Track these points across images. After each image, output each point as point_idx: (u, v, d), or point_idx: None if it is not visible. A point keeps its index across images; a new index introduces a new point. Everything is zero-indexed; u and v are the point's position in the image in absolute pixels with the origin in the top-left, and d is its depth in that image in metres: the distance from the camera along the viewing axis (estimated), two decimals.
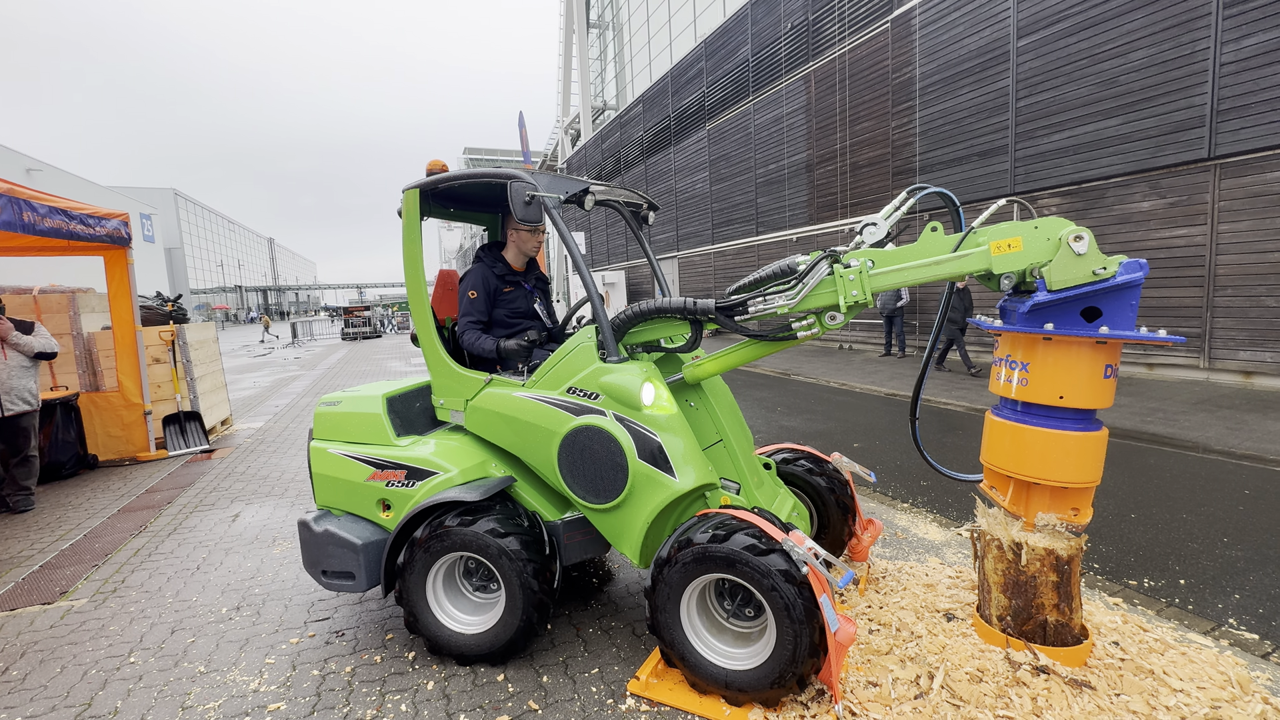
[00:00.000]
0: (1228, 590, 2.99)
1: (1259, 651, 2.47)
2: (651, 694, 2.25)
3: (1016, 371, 2.16)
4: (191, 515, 4.52)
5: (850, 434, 6.46)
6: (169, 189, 60.95)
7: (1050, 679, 2.05)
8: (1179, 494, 4.30)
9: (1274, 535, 3.56)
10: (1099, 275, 1.92)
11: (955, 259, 2.12)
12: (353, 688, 2.38)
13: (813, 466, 3.09)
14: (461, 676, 2.42)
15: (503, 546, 2.37)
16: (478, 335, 2.95)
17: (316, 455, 2.84)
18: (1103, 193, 8.99)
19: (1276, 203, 7.32)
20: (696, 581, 2.19)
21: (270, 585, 3.32)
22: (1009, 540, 2.21)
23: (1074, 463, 2.07)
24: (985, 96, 10.44)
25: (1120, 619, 2.50)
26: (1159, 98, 8.16)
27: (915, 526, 3.81)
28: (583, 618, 2.85)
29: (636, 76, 28.67)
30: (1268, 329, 7.49)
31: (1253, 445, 5.29)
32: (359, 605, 3.04)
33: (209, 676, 2.50)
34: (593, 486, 2.42)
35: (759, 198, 16.87)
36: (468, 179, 2.74)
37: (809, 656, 2.01)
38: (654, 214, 3.33)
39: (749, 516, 2.20)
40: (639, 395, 2.38)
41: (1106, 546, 3.52)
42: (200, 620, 2.97)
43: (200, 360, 7.11)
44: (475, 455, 2.74)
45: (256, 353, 22.11)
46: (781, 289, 2.34)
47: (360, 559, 2.62)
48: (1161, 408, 6.80)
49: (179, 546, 3.92)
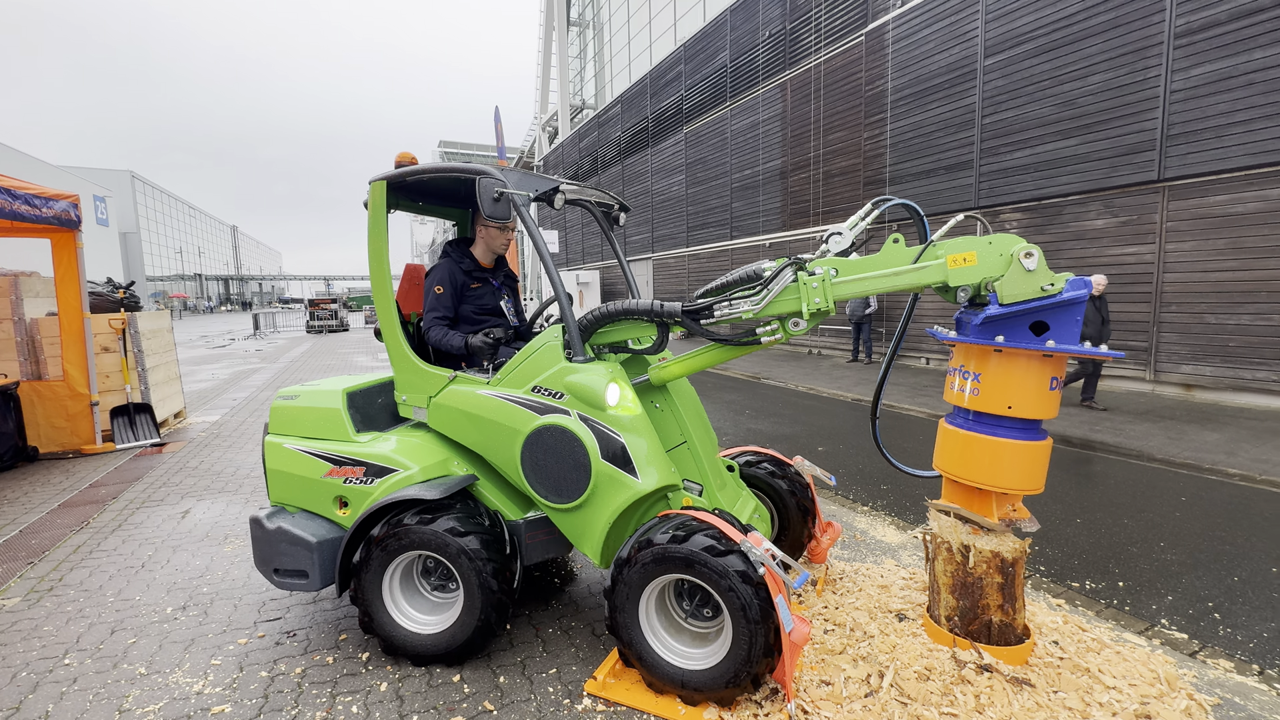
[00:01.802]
0: (1162, 592, 3.14)
1: (1187, 650, 2.60)
2: (608, 694, 2.25)
3: (969, 381, 2.24)
4: (138, 511, 4.35)
5: (815, 438, 6.57)
6: (126, 171, 58.51)
7: (993, 677, 2.12)
8: (1122, 500, 4.50)
9: (1206, 540, 3.76)
10: (1047, 291, 2.01)
11: (914, 270, 2.19)
12: (302, 689, 2.33)
13: (775, 469, 3.14)
14: (416, 677, 2.39)
15: (462, 545, 2.34)
16: (444, 331, 2.92)
17: (271, 450, 2.77)
18: (1060, 210, 9.35)
19: (1218, 225, 7.72)
20: (656, 582, 2.20)
21: (220, 584, 3.21)
22: (958, 543, 2.28)
23: (1020, 470, 2.15)
24: (953, 112, 10.75)
25: (1061, 619, 2.61)
26: (1114, 120, 8.53)
27: (874, 529, 3.90)
28: (543, 618, 2.84)
29: (616, 77, 28.66)
30: (1208, 344, 7.89)
31: (1190, 455, 5.57)
32: (312, 605, 2.96)
33: (150, 679, 2.40)
34: (555, 486, 2.42)
35: (734, 202, 17.04)
36: (436, 173, 2.70)
37: (764, 656, 2.05)
38: (625, 215, 3.33)
39: (709, 518, 2.22)
40: (604, 395, 2.39)
41: (1053, 550, 3.66)
42: (143, 620, 2.85)
43: (153, 350, 6.84)
44: (437, 453, 2.71)
45: (216, 344, 21.37)
46: (747, 294, 2.37)
47: (314, 557, 2.56)
48: (1109, 418, 7.10)
49: (123, 543, 3.77)
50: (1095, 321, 7.44)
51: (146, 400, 6.54)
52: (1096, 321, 7.45)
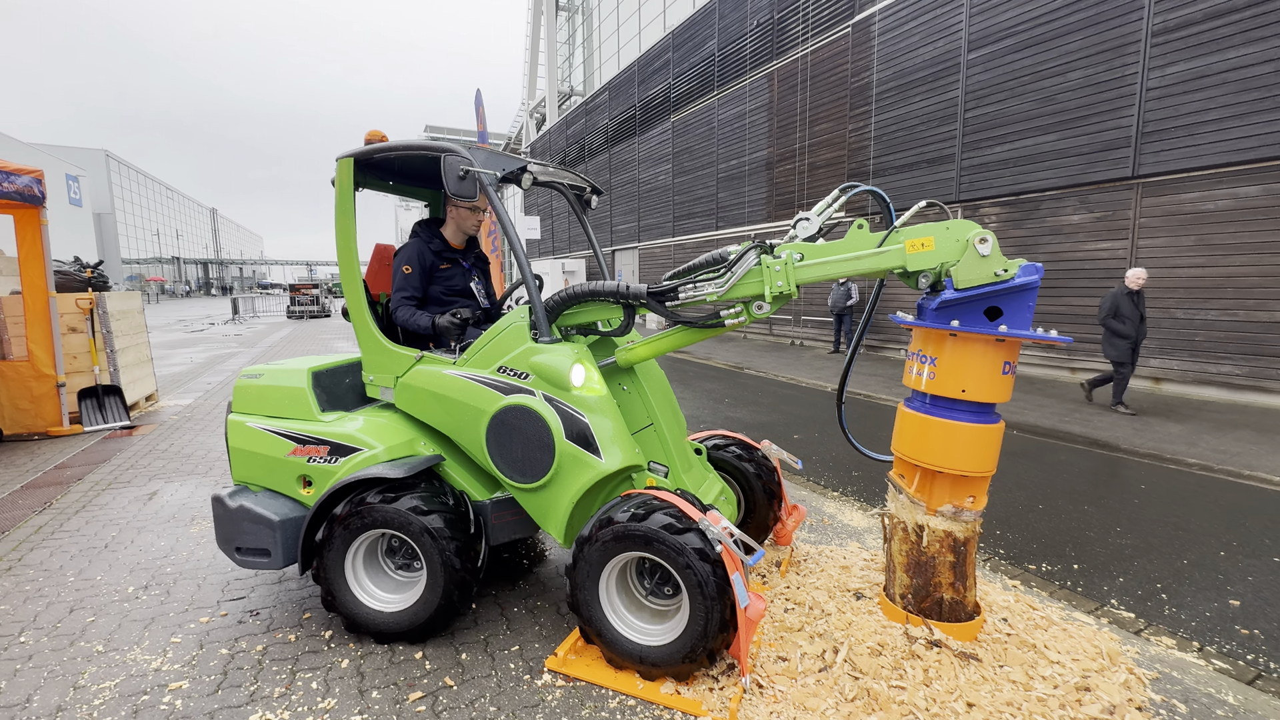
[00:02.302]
0: (1114, 574, 3.24)
1: (1133, 629, 2.69)
2: (568, 669, 2.28)
3: (926, 366, 2.28)
4: (104, 492, 4.29)
5: (792, 426, 6.64)
6: (100, 150, 56.91)
7: (942, 652, 2.18)
8: (1084, 488, 4.62)
9: (1160, 526, 3.87)
10: (1000, 276, 2.05)
11: (873, 255, 2.22)
12: (263, 666, 2.33)
13: (742, 453, 3.18)
14: (379, 654, 2.40)
15: (425, 524, 2.35)
16: (411, 311, 2.90)
17: (234, 429, 2.74)
18: (1037, 204, 9.47)
19: (1187, 222, 7.89)
20: (616, 559, 2.23)
21: (184, 564, 3.19)
22: (913, 523, 2.33)
23: (973, 453, 2.20)
24: (936, 105, 10.81)
25: (1013, 598, 2.69)
26: (1092, 117, 8.64)
27: (841, 513, 3.97)
28: (509, 597, 2.86)
29: (604, 64, 28.39)
30: (1175, 339, 8.08)
31: (1154, 445, 5.72)
32: (277, 584, 2.96)
33: (107, 656, 2.39)
34: (520, 466, 2.43)
35: (720, 192, 17.03)
36: (403, 150, 2.67)
37: (719, 632, 2.08)
38: (597, 198, 3.33)
39: (669, 497, 2.25)
40: (568, 376, 2.40)
41: (1013, 534, 3.75)
42: (103, 600, 2.83)
43: (122, 331, 6.71)
44: (403, 433, 2.70)
45: (193, 328, 20.99)
46: (711, 277, 2.39)
47: (277, 535, 2.55)
48: (1079, 409, 7.26)
49: (86, 524, 3.72)
50: (1133, 318, 6.77)
51: (116, 382, 6.42)
52: (1135, 318, 6.77)
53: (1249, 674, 2.38)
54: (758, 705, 2.07)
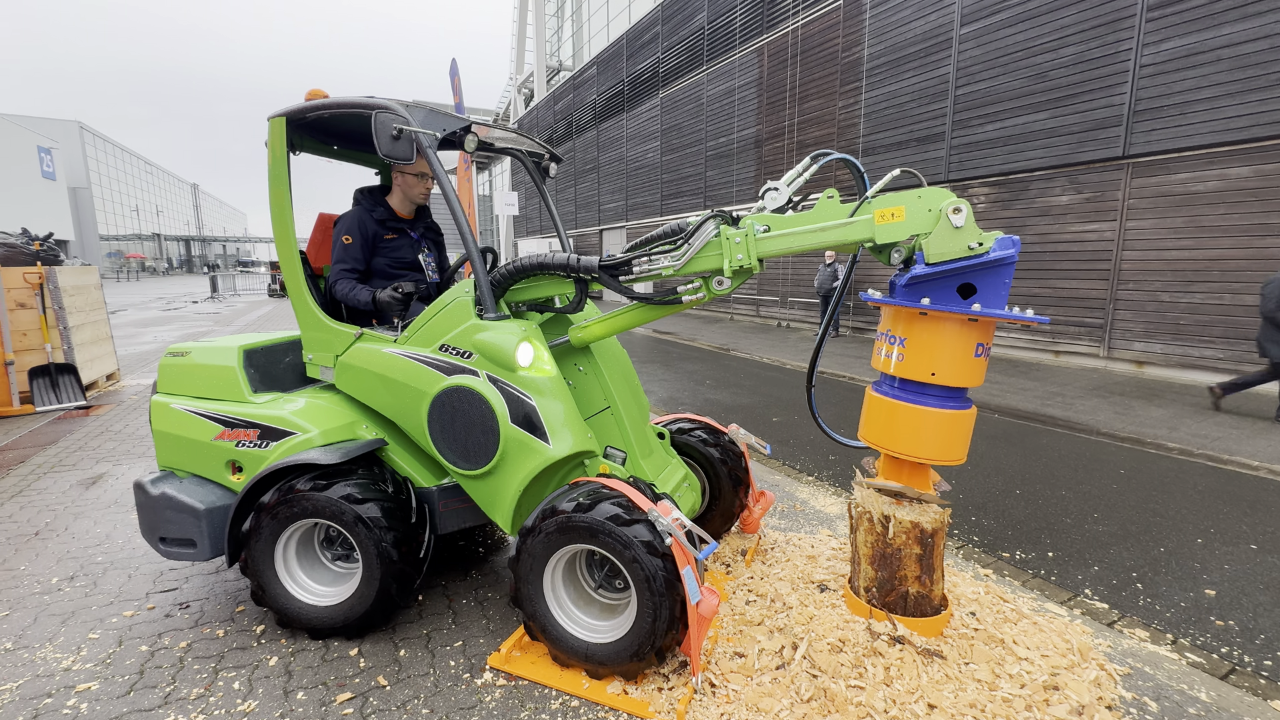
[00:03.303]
0: (1089, 562, 3.15)
1: (1106, 620, 2.60)
2: (511, 667, 2.15)
3: (896, 347, 2.12)
4: (45, 476, 4.08)
5: (772, 408, 6.52)
6: (74, 121, 54.96)
7: (904, 649, 2.06)
8: (1063, 473, 4.53)
9: (1138, 512, 3.79)
10: (974, 250, 1.88)
11: (839, 226, 2.04)
12: (184, 664, 2.17)
13: (707, 437, 3.03)
14: (311, 651, 2.25)
15: (359, 513, 2.19)
16: (351, 285, 2.70)
17: (158, 411, 2.55)
18: (1026, 185, 9.31)
19: (1177, 204, 7.76)
20: (561, 552, 2.08)
21: (118, 553, 3.01)
22: (879, 513, 2.20)
23: (942, 440, 2.06)
24: (928, 82, 10.55)
25: (983, 590, 2.58)
26: (1084, 94, 8.44)
27: (815, 499, 3.86)
28: (459, 588, 2.71)
29: (594, 37, 27.67)
30: (1160, 322, 8.01)
31: (1134, 429, 5.65)
32: (214, 575, 2.79)
33: (15, 654, 2.22)
34: (463, 451, 2.27)
35: (708, 170, 16.71)
36: (336, 109, 2.45)
37: (669, 629, 1.95)
38: (556, 165, 3.12)
39: (619, 486, 2.10)
40: (514, 355, 2.22)
41: (988, 520, 3.66)
42: (23, 591, 2.65)
43: (78, 308, 6.42)
44: (342, 416, 2.52)
45: (171, 305, 20.50)
46: (667, 249, 2.21)
47: (203, 525, 2.37)
48: (1061, 392, 7.19)
49: (20, 510, 3.52)
50: None
51: (70, 360, 6.15)
52: None
53: (1222, 668, 2.30)
54: (708, 706, 1.95)
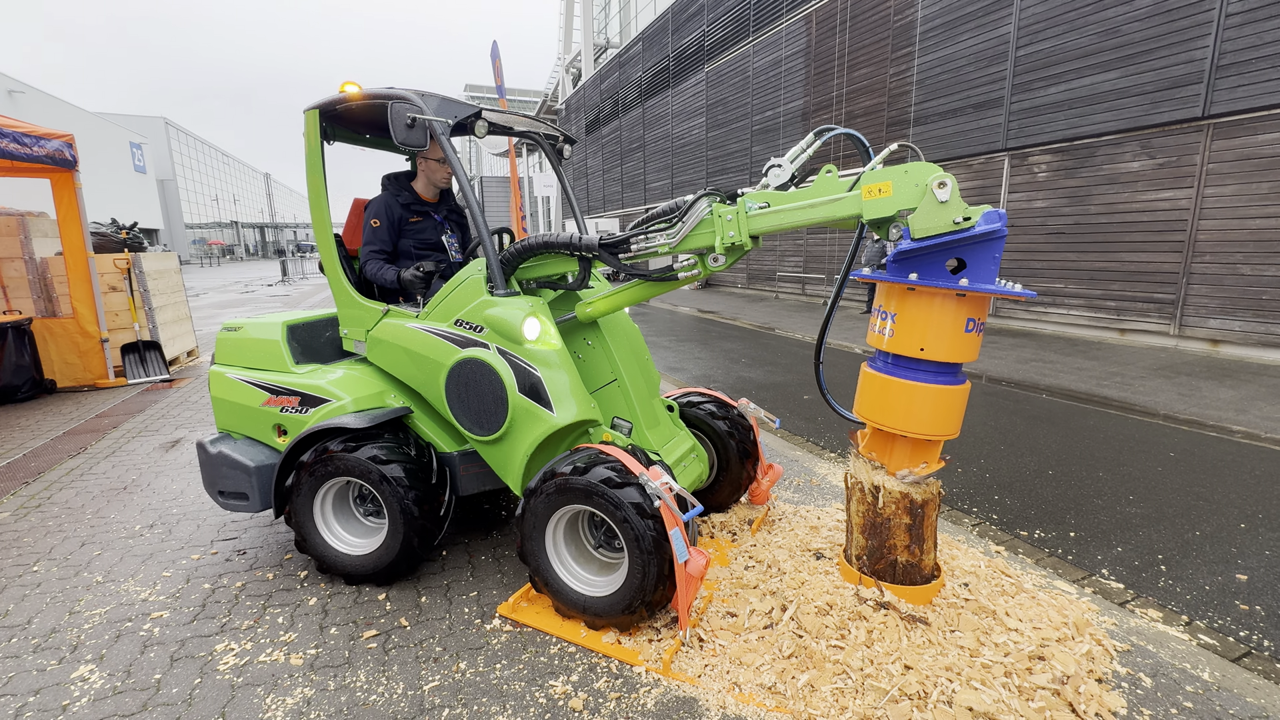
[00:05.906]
0: (1113, 544, 3.06)
1: (1119, 600, 2.55)
2: (518, 616, 2.34)
3: (888, 323, 2.14)
4: (134, 439, 4.61)
5: (805, 387, 6.49)
6: (159, 118, 59.08)
7: (889, 614, 2.12)
8: (1104, 454, 4.35)
9: (1179, 495, 3.62)
10: (959, 225, 1.87)
11: (828, 202, 2.06)
12: (238, 600, 2.48)
13: (716, 410, 3.11)
14: (345, 594, 2.52)
15: (384, 473, 2.41)
16: (380, 265, 2.92)
17: (215, 379, 2.87)
18: (1093, 151, 8.69)
19: (1264, 166, 7.08)
20: (560, 511, 2.24)
21: (190, 507, 3.41)
22: (870, 484, 2.24)
23: (930, 415, 2.08)
24: (986, 43, 9.94)
25: (984, 564, 2.57)
26: (1160, 50, 7.77)
27: (833, 475, 3.88)
28: (480, 546, 2.94)
29: (641, 12, 27.29)
30: (1239, 297, 7.40)
31: (1197, 411, 5.31)
32: (268, 528, 3.13)
33: (104, 586, 2.60)
34: (476, 418, 2.45)
35: (754, 146, 16.36)
36: (360, 100, 2.64)
37: (657, 585, 2.08)
38: (570, 147, 3.22)
39: (614, 452, 2.23)
40: (521, 329, 2.37)
41: (1012, 500, 3.59)
42: (111, 536, 3.06)
43: (160, 291, 7.08)
44: (373, 385, 2.76)
45: (247, 289, 22.02)
46: (663, 228, 2.29)
47: (254, 480, 2.68)
48: (1121, 372, 6.80)
49: (113, 468, 4.01)
50: None
51: (155, 338, 6.81)
52: None
53: (1236, 651, 2.23)
54: (694, 657, 2.08)
